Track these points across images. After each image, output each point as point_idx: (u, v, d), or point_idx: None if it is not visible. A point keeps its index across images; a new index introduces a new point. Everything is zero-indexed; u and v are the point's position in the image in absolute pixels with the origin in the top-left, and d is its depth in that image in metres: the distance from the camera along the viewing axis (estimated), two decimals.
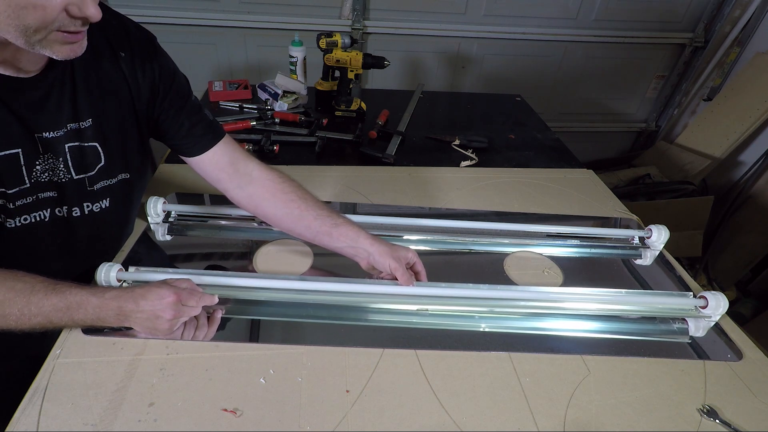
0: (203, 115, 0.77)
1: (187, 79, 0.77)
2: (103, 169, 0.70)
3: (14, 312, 0.57)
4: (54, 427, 0.56)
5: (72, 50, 0.55)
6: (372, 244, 0.76)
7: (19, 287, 0.58)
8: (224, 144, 0.77)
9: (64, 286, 0.60)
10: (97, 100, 0.66)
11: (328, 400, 0.62)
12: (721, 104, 2.23)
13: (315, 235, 0.78)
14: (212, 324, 0.71)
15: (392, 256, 0.75)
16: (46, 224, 0.67)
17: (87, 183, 0.69)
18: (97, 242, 0.77)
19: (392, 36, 2.09)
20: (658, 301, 0.83)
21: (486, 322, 0.78)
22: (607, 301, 0.81)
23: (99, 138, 0.68)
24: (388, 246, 0.76)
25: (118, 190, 0.73)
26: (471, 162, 1.28)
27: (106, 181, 0.71)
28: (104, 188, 0.71)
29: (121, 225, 0.82)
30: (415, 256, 0.78)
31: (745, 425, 0.64)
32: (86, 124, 0.66)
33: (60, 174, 0.66)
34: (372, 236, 0.77)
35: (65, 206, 0.69)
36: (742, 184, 2.17)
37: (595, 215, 1.09)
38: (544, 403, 0.65)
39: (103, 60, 0.65)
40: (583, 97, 2.49)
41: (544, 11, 2.13)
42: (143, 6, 1.84)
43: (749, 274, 2.12)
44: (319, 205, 0.78)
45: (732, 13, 2.21)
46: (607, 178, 2.31)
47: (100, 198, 0.72)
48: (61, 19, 0.50)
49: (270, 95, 1.46)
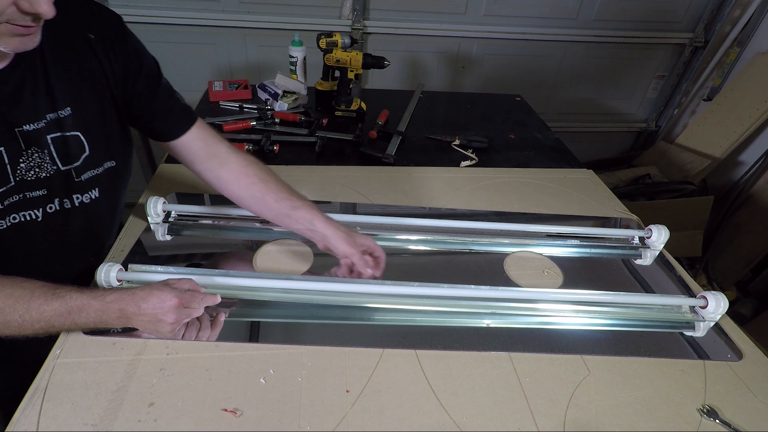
0: (177, 98, 0.77)
1: (156, 62, 0.76)
2: (89, 159, 0.69)
3: (15, 319, 0.57)
4: (54, 427, 0.56)
5: (22, 43, 0.53)
6: (328, 227, 0.76)
7: (18, 293, 0.58)
8: (198, 127, 0.78)
9: (63, 290, 0.60)
10: (73, 88, 0.65)
11: (328, 400, 0.62)
12: (721, 104, 2.23)
13: (276, 217, 0.79)
14: (215, 327, 0.71)
15: (347, 241, 0.75)
16: (39, 223, 0.67)
17: (74, 174, 0.68)
18: (90, 235, 0.77)
19: (392, 36, 2.09)
20: (658, 301, 0.84)
21: (487, 321, 0.78)
22: (607, 302, 0.81)
23: (80, 126, 0.67)
24: (345, 231, 0.77)
25: (105, 179, 0.73)
26: (471, 162, 1.28)
27: (92, 171, 0.71)
28: (92, 178, 0.71)
29: (112, 215, 0.81)
30: (374, 243, 0.79)
31: (745, 425, 0.64)
32: (65, 112, 0.65)
33: (47, 167, 0.65)
34: (329, 220, 0.78)
35: (56, 199, 0.68)
36: (742, 184, 2.17)
37: (595, 215, 1.09)
38: (544, 403, 0.65)
39: (73, 45, 0.64)
40: (583, 97, 2.49)
41: (544, 11, 2.13)
42: (143, 6, 1.84)
43: (749, 274, 2.12)
44: (280, 188, 0.79)
45: (732, 13, 2.21)
46: (607, 178, 2.31)
47: (89, 188, 0.71)
48: (10, 13, 0.49)
49: (270, 95, 1.46)
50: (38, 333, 0.59)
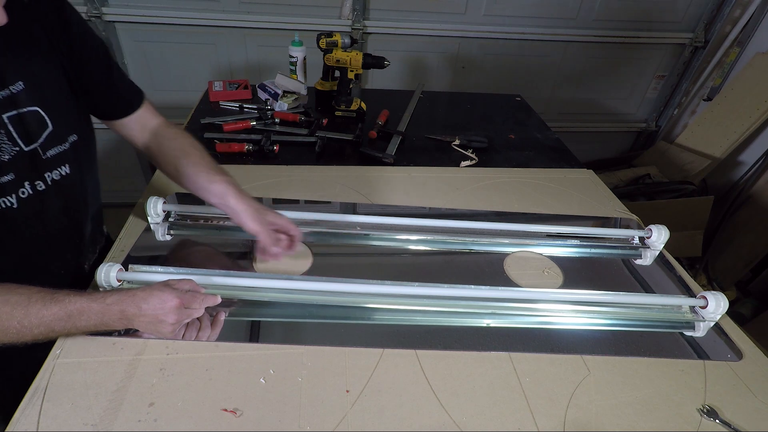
0: (124, 74, 0.78)
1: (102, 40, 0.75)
2: (53, 135, 0.67)
3: (13, 325, 0.56)
4: (54, 427, 0.56)
5: None
6: (239, 203, 0.75)
7: (15, 299, 0.57)
8: (146, 104, 0.80)
9: (61, 294, 0.59)
10: (22, 60, 0.63)
11: (328, 400, 0.62)
12: (721, 104, 2.23)
13: (197, 190, 0.79)
14: (215, 326, 0.71)
15: (255, 218, 0.74)
16: (16, 210, 0.65)
17: (40, 152, 0.66)
18: (68, 215, 0.75)
19: (392, 36, 2.09)
20: (658, 301, 0.84)
21: (487, 321, 0.78)
22: (607, 302, 0.81)
23: (37, 101, 0.64)
24: (255, 208, 0.76)
25: (72, 153, 0.71)
26: (471, 162, 1.28)
27: (58, 147, 0.69)
28: (59, 155, 0.69)
29: (86, 190, 0.79)
30: (286, 222, 0.79)
31: (745, 425, 0.64)
32: (17, 87, 0.62)
33: (8, 149, 0.62)
34: (243, 197, 0.76)
35: (26, 183, 0.66)
36: (742, 184, 2.17)
37: (595, 215, 1.09)
38: (544, 403, 0.65)
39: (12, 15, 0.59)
40: (583, 97, 2.49)
41: (544, 11, 2.13)
42: (143, 6, 1.85)
43: (749, 274, 2.12)
44: (201, 162, 0.79)
45: (732, 13, 2.22)
46: (607, 178, 2.31)
47: (58, 165, 0.70)
48: None
49: (270, 95, 1.46)
50: (38, 339, 0.59)
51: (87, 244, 0.82)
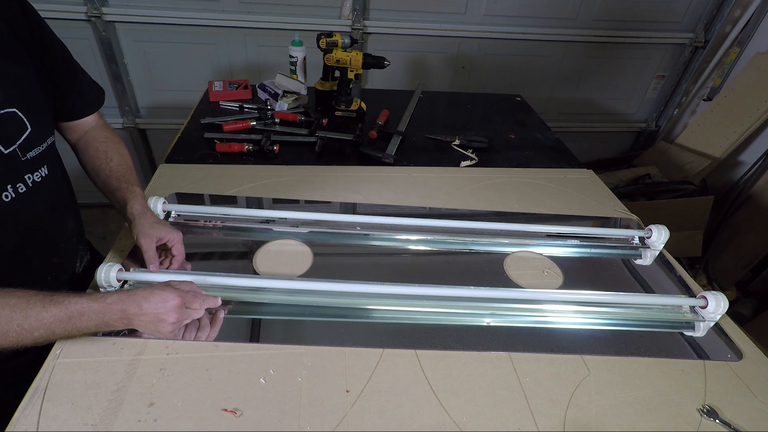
0: (86, 72, 0.79)
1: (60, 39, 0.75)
2: (32, 136, 0.66)
3: (13, 328, 0.56)
4: (54, 427, 0.56)
5: None
6: (136, 216, 0.77)
7: (14, 303, 0.57)
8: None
9: (61, 296, 0.59)
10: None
11: (328, 400, 0.62)
12: (721, 104, 2.23)
13: (105, 193, 0.82)
14: (215, 325, 0.71)
15: (143, 232, 0.75)
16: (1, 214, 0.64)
17: (20, 154, 0.65)
18: (50, 217, 0.74)
19: (392, 36, 2.09)
20: (658, 301, 0.84)
21: (487, 320, 0.78)
22: (607, 302, 0.81)
23: (14, 102, 0.63)
24: (149, 222, 0.77)
25: (49, 155, 0.72)
26: (471, 162, 1.28)
27: (37, 149, 0.68)
28: (38, 156, 0.68)
29: (67, 191, 0.80)
30: (176, 239, 0.79)
31: (745, 425, 0.64)
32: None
33: None
34: (142, 209, 0.78)
35: (8, 186, 0.65)
36: (742, 184, 2.17)
37: (595, 215, 1.09)
38: (544, 403, 0.65)
39: None
40: (583, 97, 2.49)
41: (544, 11, 2.13)
42: (143, 6, 1.84)
43: (749, 274, 2.12)
44: (118, 168, 0.81)
45: (732, 13, 2.21)
46: (607, 178, 2.31)
47: (37, 167, 0.69)
48: None
49: (270, 95, 1.46)
50: (38, 341, 0.58)
51: (75, 243, 0.82)
